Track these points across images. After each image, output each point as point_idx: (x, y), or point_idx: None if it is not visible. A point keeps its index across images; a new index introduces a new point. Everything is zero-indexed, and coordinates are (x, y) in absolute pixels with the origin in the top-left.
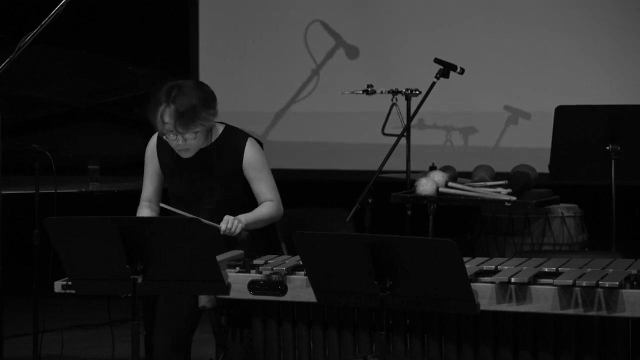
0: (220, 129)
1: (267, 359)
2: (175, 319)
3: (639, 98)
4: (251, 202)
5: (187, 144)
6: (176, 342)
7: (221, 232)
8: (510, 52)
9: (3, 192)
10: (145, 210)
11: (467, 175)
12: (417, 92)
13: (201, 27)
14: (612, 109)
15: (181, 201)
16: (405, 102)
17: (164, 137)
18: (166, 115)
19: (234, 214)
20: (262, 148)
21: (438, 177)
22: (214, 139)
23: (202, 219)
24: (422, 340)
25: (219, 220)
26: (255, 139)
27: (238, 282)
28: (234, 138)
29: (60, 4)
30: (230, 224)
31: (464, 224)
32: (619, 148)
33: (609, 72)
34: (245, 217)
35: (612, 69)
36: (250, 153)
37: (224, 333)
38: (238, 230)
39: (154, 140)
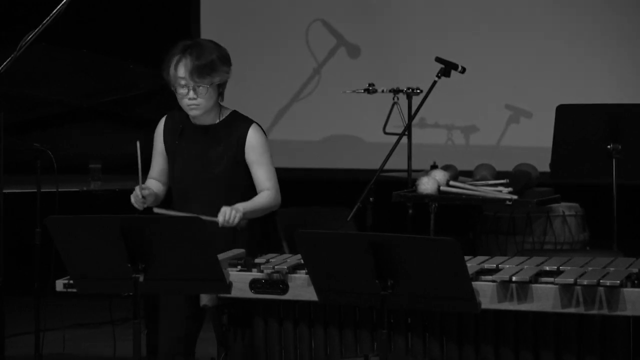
0: (228, 111)
1: (269, 358)
2: (179, 321)
3: None
4: (253, 191)
5: (197, 99)
6: (181, 344)
7: (220, 225)
8: (512, 51)
9: (4, 191)
10: (152, 181)
11: (469, 174)
12: (419, 91)
13: (202, 26)
14: (613, 108)
15: (184, 173)
16: (406, 101)
17: (175, 92)
18: (181, 66)
19: (236, 199)
20: (267, 138)
21: (439, 176)
22: (221, 118)
23: (200, 216)
24: (423, 339)
25: (219, 199)
26: (262, 129)
27: (239, 281)
28: (240, 121)
29: (61, 3)
30: (227, 215)
31: (466, 223)
32: (620, 147)
33: (610, 71)
34: (243, 206)
35: (613, 67)
36: (254, 137)
37: (225, 332)
38: (237, 221)
39: (162, 120)
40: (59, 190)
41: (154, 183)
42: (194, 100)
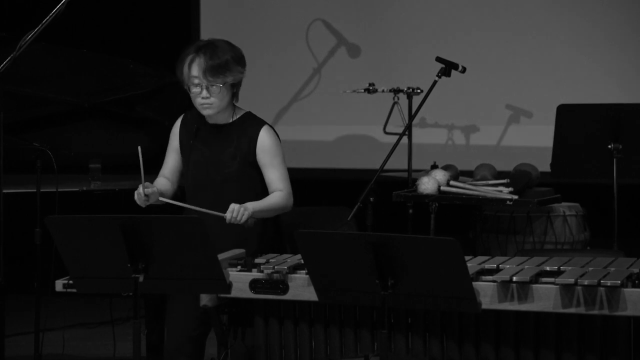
0: (242, 112)
1: (269, 358)
2: (188, 321)
3: None
4: (266, 193)
5: (210, 98)
6: (188, 344)
7: (227, 221)
8: (512, 51)
9: (4, 191)
10: (161, 179)
11: (469, 174)
12: (419, 90)
13: (202, 26)
14: (614, 107)
15: (196, 172)
16: (406, 100)
17: (188, 91)
18: (195, 65)
19: (248, 199)
20: (279, 139)
21: (440, 175)
22: (234, 118)
23: (206, 210)
24: (423, 339)
25: (231, 200)
26: (274, 130)
27: (239, 281)
28: (253, 122)
29: (61, 3)
30: (235, 212)
31: (466, 222)
32: (620, 146)
33: (610, 70)
34: (252, 205)
35: (613, 67)
36: (266, 138)
37: (226, 332)
38: (244, 219)
39: (179, 118)
40: (59, 190)
41: (162, 182)
42: (207, 100)
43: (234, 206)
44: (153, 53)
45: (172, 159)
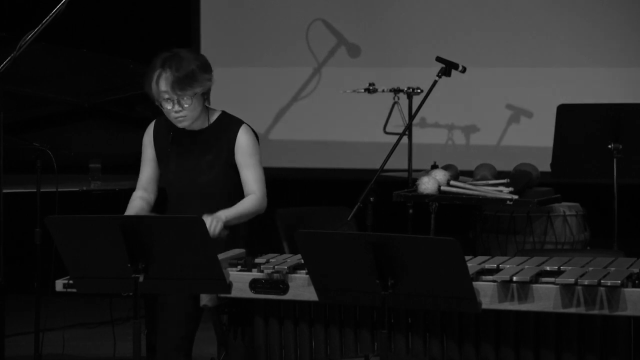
0: (217, 113)
1: (269, 358)
2: (178, 320)
3: None
4: (242, 195)
5: (183, 111)
6: (178, 344)
7: None
8: (512, 51)
9: (4, 191)
10: (136, 200)
11: (469, 174)
12: (419, 90)
13: (202, 26)
14: (614, 107)
15: (177, 180)
16: (407, 100)
17: (160, 106)
18: (162, 80)
19: (231, 202)
20: (258, 139)
21: (440, 175)
22: (210, 122)
23: None
24: (423, 339)
25: (214, 206)
26: (252, 130)
27: (239, 281)
28: (230, 123)
29: (61, 3)
30: (209, 224)
31: (466, 222)
32: (620, 146)
33: (610, 70)
34: (225, 214)
35: (613, 67)
36: (243, 138)
37: (226, 332)
38: (218, 230)
39: (151, 126)
40: (58, 190)
41: (138, 202)
42: (181, 113)
43: (206, 219)
44: (153, 53)
45: (148, 170)
